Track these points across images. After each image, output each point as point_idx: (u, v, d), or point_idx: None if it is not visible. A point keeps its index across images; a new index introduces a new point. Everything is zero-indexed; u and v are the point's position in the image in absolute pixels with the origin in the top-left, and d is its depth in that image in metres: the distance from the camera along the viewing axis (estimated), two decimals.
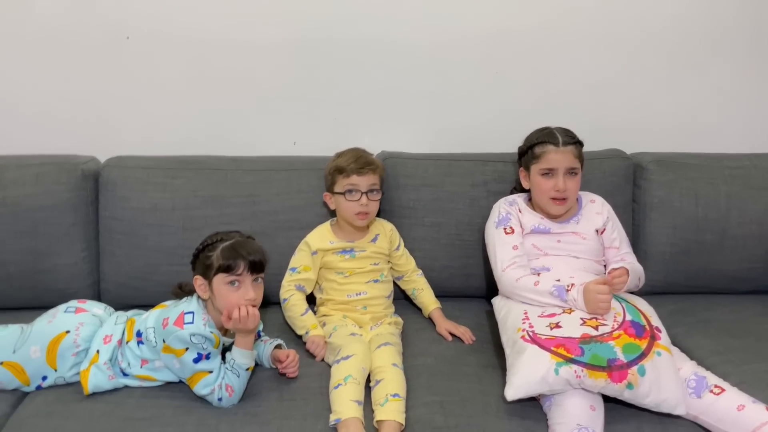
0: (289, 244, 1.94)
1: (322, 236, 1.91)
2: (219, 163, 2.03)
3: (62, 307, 1.69)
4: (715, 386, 1.54)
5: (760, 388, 1.57)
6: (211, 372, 1.53)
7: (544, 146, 1.84)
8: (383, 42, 2.16)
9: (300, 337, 1.82)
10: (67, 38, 2.07)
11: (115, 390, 1.58)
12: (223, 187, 1.98)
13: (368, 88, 2.20)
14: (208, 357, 1.53)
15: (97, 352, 1.58)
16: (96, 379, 1.55)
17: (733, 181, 2.09)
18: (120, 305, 1.83)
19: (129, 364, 1.59)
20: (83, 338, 1.59)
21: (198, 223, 1.93)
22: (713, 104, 2.29)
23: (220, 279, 1.54)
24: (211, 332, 1.53)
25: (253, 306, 1.54)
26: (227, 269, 1.53)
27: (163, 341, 1.54)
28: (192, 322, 1.53)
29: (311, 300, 1.95)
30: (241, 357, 1.55)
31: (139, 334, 1.60)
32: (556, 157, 1.82)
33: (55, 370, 1.58)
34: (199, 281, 1.57)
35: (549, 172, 1.83)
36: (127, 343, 1.61)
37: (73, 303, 1.71)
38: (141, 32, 2.09)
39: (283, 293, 1.89)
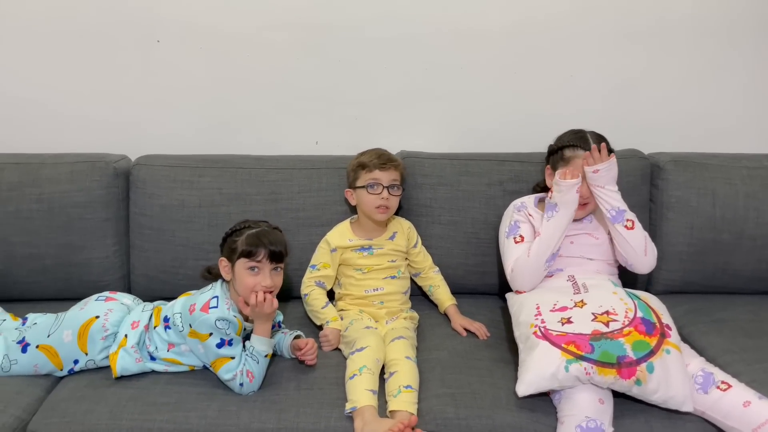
0: (310, 241, 2.00)
1: (341, 234, 1.97)
2: (243, 162, 2.10)
3: (94, 296, 1.79)
4: (722, 382, 1.55)
5: None
6: (233, 358, 1.60)
7: (574, 150, 1.82)
8: (404, 42, 2.20)
9: (320, 327, 1.88)
10: (101, 42, 2.17)
11: (142, 376, 1.66)
12: (247, 185, 2.05)
13: (389, 88, 2.25)
14: (230, 343, 1.61)
15: (125, 336, 1.67)
16: (124, 361, 1.64)
17: (751, 181, 2.08)
18: (149, 297, 1.91)
19: (156, 347, 1.67)
20: (111, 323, 1.69)
21: (223, 219, 2.00)
22: (731, 104, 2.28)
23: (241, 263, 1.63)
24: (234, 316, 1.61)
25: (270, 293, 1.62)
26: (248, 255, 1.62)
27: (190, 326, 1.62)
28: (216, 306, 1.61)
29: (330, 295, 2.01)
30: (260, 344, 1.63)
31: (166, 319, 1.69)
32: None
33: (86, 354, 1.67)
34: (223, 263, 1.67)
35: None
36: (154, 328, 1.69)
37: (105, 293, 1.81)
38: (170, 36, 2.17)
39: (304, 289, 1.96)
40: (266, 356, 1.64)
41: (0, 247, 1.98)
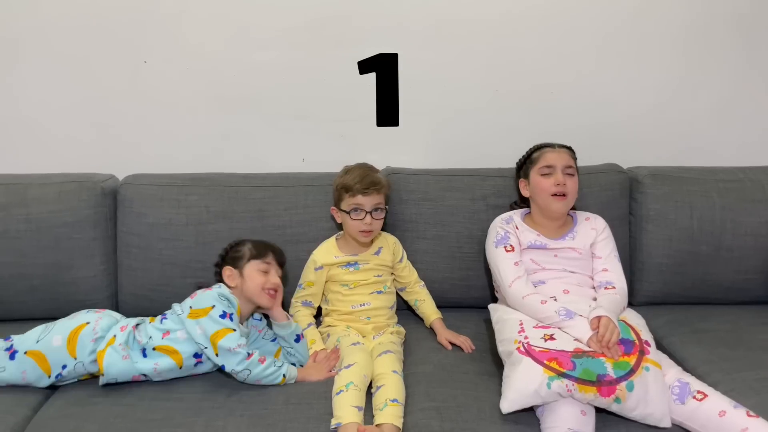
0: (297, 257, 2.02)
1: (327, 251, 1.99)
2: (230, 180, 2.12)
3: (83, 310, 1.83)
4: (698, 392, 1.58)
5: (748, 396, 1.62)
6: (234, 330, 1.67)
7: (541, 150, 1.98)
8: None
9: None
10: (89, 62, 2.20)
11: (129, 392, 1.67)
12: (234, 203, 2.07)
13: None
14: (231, 318, 1.69)
15: (114, 336, 1.71)
16: (111, 358, 1.67)
17: (727, 193, 2.13)
18: (136, 316, 1.91)
19: (151, 337, 1.71)
20: (101, 327, 1.72)
21: (210, 237, 2.03)
22: (708, 118, 2.34)
23: (252, 265, 1.80)
24: (235, 299, 1.75)
25: (275, 291, 1.80)
26: (259, 255, 1.81)
27: (190, 308, 1.71)
28: (219, 288, 1.76)
29: (318, 310, 2.03)
30: (294, 371, 1.75)
31: (163, 315, 1.78)
32: (553, 155, 1.95)
33: (75, 358, 1.69)
34: (228, 272, 1.80)
35: (548, 171, 1.92)
36: (149, 323, 1.75)
37: (92, 310, 1.83)
38: (158, 57, 2.20)
39: (291, 309, 1.99)
40: (284, 377, 1.72)
41: None
